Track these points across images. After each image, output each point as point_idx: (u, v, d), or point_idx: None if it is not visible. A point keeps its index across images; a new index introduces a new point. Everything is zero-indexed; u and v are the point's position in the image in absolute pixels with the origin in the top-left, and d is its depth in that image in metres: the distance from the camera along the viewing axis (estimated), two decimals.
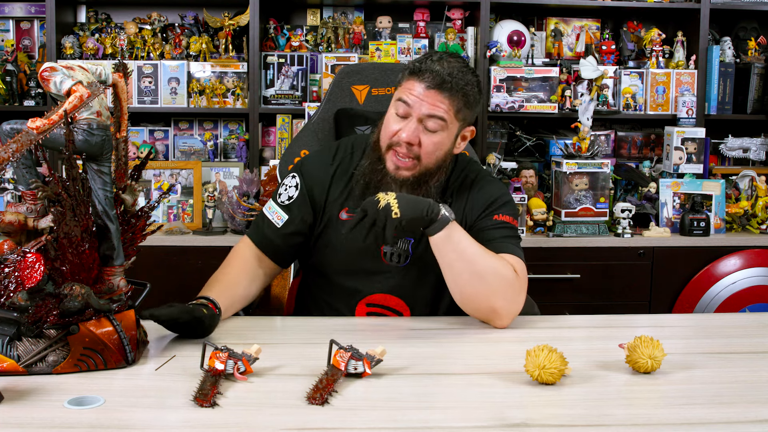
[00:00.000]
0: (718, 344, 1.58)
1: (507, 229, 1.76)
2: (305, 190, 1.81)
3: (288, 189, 1.83)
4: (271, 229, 1.81)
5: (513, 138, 3.63)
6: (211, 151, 3.49)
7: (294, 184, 1.83)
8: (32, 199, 1.35)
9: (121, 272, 1.40)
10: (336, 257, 1.81)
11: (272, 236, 1.81)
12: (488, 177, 1.86)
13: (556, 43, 3.66)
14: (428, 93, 1.67)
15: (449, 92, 1.67)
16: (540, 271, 3.10)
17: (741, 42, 3.65)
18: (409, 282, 1.79)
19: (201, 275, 1.84)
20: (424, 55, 1.75)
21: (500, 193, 1.81)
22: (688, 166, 3.38)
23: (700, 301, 3.18)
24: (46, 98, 3.34)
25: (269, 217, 1.82)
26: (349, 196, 1.80)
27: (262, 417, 1.17)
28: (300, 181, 1.82)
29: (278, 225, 1.80)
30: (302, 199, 1.81)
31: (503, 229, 1.75)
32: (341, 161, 1.84)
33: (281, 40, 3.53)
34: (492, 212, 1.77)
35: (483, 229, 1.75)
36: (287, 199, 1.82)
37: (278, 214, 1.81)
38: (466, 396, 1.27)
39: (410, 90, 1.69)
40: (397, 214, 1.54)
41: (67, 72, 1.29)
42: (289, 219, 1.80)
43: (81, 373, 1.33)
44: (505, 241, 1.73)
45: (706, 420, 1.17)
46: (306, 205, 1.81)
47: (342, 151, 1.86)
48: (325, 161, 1.85)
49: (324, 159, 1.85)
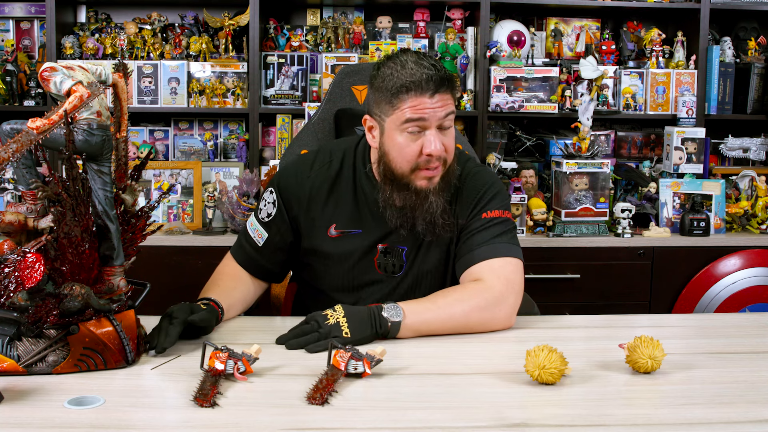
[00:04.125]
0: (718, 344, 1.58)
1: (496, 226, 1.70)
2: (283, 208, 1.76)
3: (267, 205, 1.79)
4: (254, 248, 1.79)
5: (513, 138, 3.63)
6: (211, 151, 3.49)
7: (271, 200, 1.78)
8: (32, 199, 1.35)
9: (121, 272, 1.40)
10: (329, 273, 1.77)
11: (255, 256, 1.79)
12: (474, 168, 1.79)
13: (556, 43, 3.66)
14: (436, 99, 1.60)
15: (447, 85, 1.62)
16: (540, 271, 3.10)
17: (741, 42, 3.65)
18: (404, 291, 1.76)
19: (201, 275, 1.84)
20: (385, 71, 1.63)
21: (486, 186, 1.75)
22: (688, 166, 3.38)
23: (700, 301, 3.18)
24: (46, 98, 3.34)
25: (251, 235, 1.80)
26: (336, 212, 1.74)
27: (262, 417, 1.17)
28: (277, 197, 1.77)
29: (260, 244, 1.78)
30: (280, 217, 1.77)
31: (492, 228, 1.70)
32: (319, 172, 1.76)
33: (281, 40, 3.53)
34: (480, 210, 1.72)
35: (471, 233, 1.71)
36: (266, 216, 1.78)
37: (259, 232, 1.78)
38: (466, 396, 1.27)
39: (416, 107, 1.59)
40: (348, 334, 1.48)
41: (67, 72, 1.29)
42: (269, 237, 1.77)
43: (81, 373, 1.33)
44: (491, 244, 1.68)
45: (706, 420, 1.17)
46: (285, 223, 1.77)
47: (320, 160, 1.78)
48: (302, 174, 1.77)
49: (301, 172, 1.78)
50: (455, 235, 1.74)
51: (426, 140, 1.61)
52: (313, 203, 1.75)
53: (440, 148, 1.61)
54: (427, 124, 1.60)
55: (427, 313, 1.58)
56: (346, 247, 1.74)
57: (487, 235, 1.69)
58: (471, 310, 1.59)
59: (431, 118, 1.60)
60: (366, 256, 1.75)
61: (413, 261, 1.75)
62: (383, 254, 1.74)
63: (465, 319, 1.59)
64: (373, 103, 1.67)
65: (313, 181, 1.76)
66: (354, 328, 1.50)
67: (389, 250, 1.74)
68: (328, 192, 1.75)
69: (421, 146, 1.61)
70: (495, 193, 1.75)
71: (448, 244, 1.75)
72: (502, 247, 1.68)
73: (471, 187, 1.75)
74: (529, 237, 3.18)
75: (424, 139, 1.61)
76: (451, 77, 1.63)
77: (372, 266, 1.75)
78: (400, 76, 1.60)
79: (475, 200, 1.74)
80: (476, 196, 1.74)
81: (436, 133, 1.61)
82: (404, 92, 1.60)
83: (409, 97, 1.60)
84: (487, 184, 1.76)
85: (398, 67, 1.61)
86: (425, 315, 1.57)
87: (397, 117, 1.62)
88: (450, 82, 1.62)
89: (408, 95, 1.59)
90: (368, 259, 1.74)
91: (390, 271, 1.75)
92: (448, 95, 1.62)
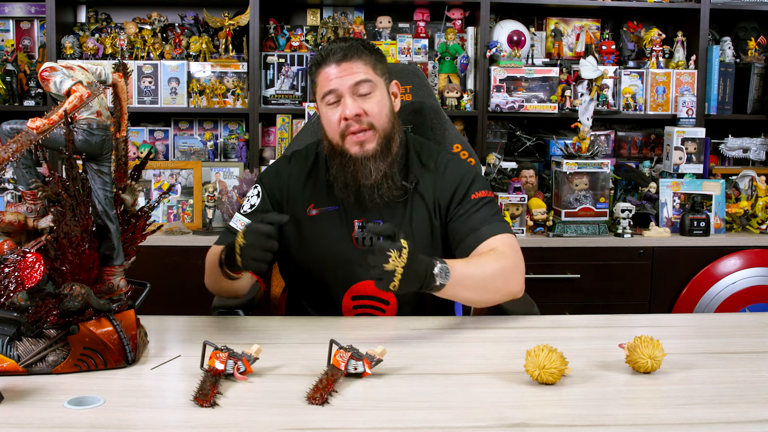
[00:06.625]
0: (718, 344, 1.58)
1: (487, 205, 1.81)
2: (266, 196, 1.88)
3: (250, 199, 1.90)
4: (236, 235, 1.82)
5: (513, 138, 3.63)
6: (211, 151, 3.49)
7: (255, 193, 1.89)
8: (32, 199, 1.35)
9: (121, 272, 1.40)
10: (311, 252, 1.83)
11: None
12: (450, 157, 1.90)
13: (556, 43, 3.66)
14: (342, 67, 1.73)
15: (358, 55, 1.74)
16: (540, 271, 3.10)
17: (741, 42, 3.65)
18: None
19: (201, 275, 1.84)
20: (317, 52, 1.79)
21: (466, 170, 1.85)
22: (688, 166, 3.38)
23: (700, 301, 3.18)
24: (46, 98, 3.34)
25: (233, 226, 1.86)
26: (313, 193, 1.85)
27: (262, 417, 1.17)
28: (261, 190, 1.89)
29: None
30: (263, 205, 1.86)
31: (485, 207, 1.80)
32: (296, 163, 1.90)
33: (281, 40, 3.53)
34: (466, 193, 1.81)
35: (466, 215, 1.79)
36: (249, 207, 1.88)
37: (242, 222, 1.83)
38: (466, 396, 1.27)
39: (326, 79, 1.74)
40: (395, 287, 1.48)
41: (67, 72, 1.29)
42: None
43: (81, 373, 1.33)
44: (490, 222, 1.77)
45: (706, 420, 1.17)
46: (269, 208, 1.86)
47: (297, 155, 1.93)
48: (281, 167, 1.91)
49: (281, 165, 1.92)
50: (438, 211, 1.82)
51: (342, 105, 1.74)
52: (293, 188, 1.87)
53: (355, 110, 1.72)
54: (340, 93, 1.74)
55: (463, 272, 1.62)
56: (324, 225, 1.83)
57: (484, 214, 1.79)
58: (497, 271, 1.67)
59: (341, 87, 1.73)
60: (344, 233, 1.82)
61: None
62: (360, 229, 1.81)
63: (492, 279, 1.66)
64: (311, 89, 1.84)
65: (291, 169, 1.90)
66: (404, 284, 1.49)
67: (364, 225, 1.81)
68: (306, 178, 1.88)
69: (340, 113, 1.74)
70: (476, 176, 1.86)
71: (429, 219, 1.82)
72: (502, 224, 1.79)
73: (452, 172, 1.84)
74: (529, 237, 3.18)
75: (340, 107, 1.74)
76: (361, 47, 1.76)
77: (350, 242, 1.81)
78: (316, 56, 1.79)
79: (458, 183, 1.82)
80: (458, 179, 1.82)
81: (352, 99, 1.73)
82: (315, 69, 1.78)
83: (319, 73, 1.76)
84: (466, 169, 1.87)
85: (319, 49, 1.78)
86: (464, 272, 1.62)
87: (319, 93, 1.78)
88: (360, 52, 1.75)
89: (318, 70, 1.77)
90: (347, 236, 1.81)
91: (368, 246, 1.80)
92: (357, 64, 1.74)
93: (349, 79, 1.73)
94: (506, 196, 3.19)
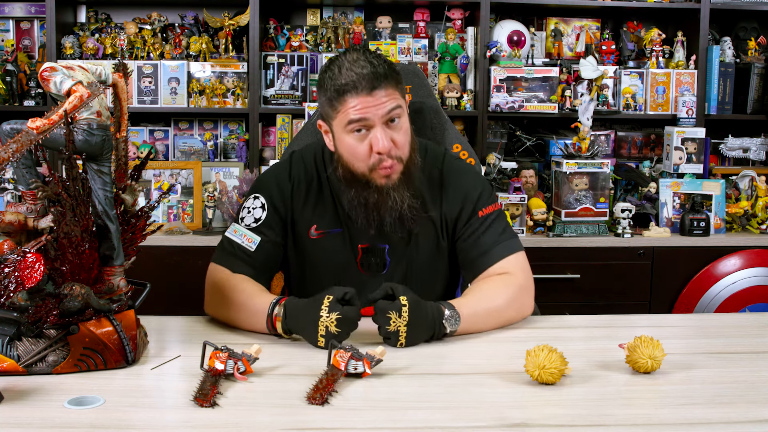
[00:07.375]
0: (718, 344, 1.58)
1: (495, 222, 1.74)
2: (272, 209, 1.74)
3: (253, 211, 1.75)
4: (245, 254, 1.71)
5: (513, 138, 3.63)
6: (211, 151, 3.49)
7: (258, 204, 1.75)
8: (32, 199, 1.35)
9: (121, 272, 1.40)
10: (313, 276, 1.77)
11: (247, 261, 1.71)
12: (455, 166, 1.80)
13: (556, 43, 3.66)
14: (373, 96, 1.58)
15: (387, 81, 1.60)
16: (540, 271, 3.08)
17: (741, 42, 3.65)
18: None
19: (201, 275, 1.83)
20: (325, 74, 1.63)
21: (473, 183, 1.77)
22: (688, 166, 3.38)
23: (700, 301, 3.18)
24: (46, 98, 3.34)
25: (238, 242, 1.72)
26: (316, 213, 1.75)
27: (262, 417, 1.17)
28: (264, 201, 1.75)
29: (251, 249, 1.71)
30: (271, 218, 1.74)
31: (493, 225, 1.73)
32: (297, 175, 1.77)
33: (281, 40, 3.53)
34: (473, 210, 1.74)
35: (474, 236, 1.73)
36: (254, 221, 1.74)
37: (248, 237, 1.72)
38: (466, 396, 1.27)
39: (354, 108, 1.59)
40: (402, 345, 1.48)
41: (67, 72, 1.29)
42: (262, 241, 1.72)
43: (81, 373, 1.33)
44: (499, 243, 1.72)
45: (706, 420, 1.17)
46: (276, 223, 1.74)
47: (295, 165, 1.79)
48: (281, 177, 1.78)
49: (281, 178, 1.78)
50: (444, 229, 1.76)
51: (374, 138, 1.60)
52: (296, 206, 1.76)
53: (388, 145, 1.60)
54: (371, 122, 1.60)
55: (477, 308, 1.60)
56: (328, 248, 1.75)
57: (493, 233, 1.73)
58: (508, 301, 1.65)
59: (374, 116, 1.59)
60: (349, 256, 1.75)
61: (400, 258, 1.75)
62: (365, 254, 1.75)
63: (505, 309, 1.65)
64: (321, 108, 1.68)
65: (292, 184, 1.77)
66: (410, 340, 1.49)
67: (370, 249, 1.75)
68: (306, 194, 1.76)
69: (371, 145, 1.61)
70: (483, 189, 1.77)
71: (436, 238, 1.77)
72: (511, 243, 1.74)
73: (459, 185, 1.76)
74: (529, 237, 3.18)
75: (371, 137, 1.61)
76: (390, 71, 1.61)
77: (356, 267, 1.75)
78: (337, 79, 1.60)
79: (465, 198, 1.75)
80: (466, 194, 1.75)
81: (383, 130, 1.61)
82: (342, 95, 1.59)
83: (347, 99, 1.59)
84: (473, 180, 1.78)
85: (335, 70, 1.61)
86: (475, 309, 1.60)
87: (341, 120, 1.62)
88: (389, 77, 1.60)
89: (346, 97, 1.59)
90: (352, 260, 1.75)
91: (374, 271, 1.75)
92: (390, 89, 1.60)
93: (381, 108, 1.59)
94: (506, 196, 3.19)
